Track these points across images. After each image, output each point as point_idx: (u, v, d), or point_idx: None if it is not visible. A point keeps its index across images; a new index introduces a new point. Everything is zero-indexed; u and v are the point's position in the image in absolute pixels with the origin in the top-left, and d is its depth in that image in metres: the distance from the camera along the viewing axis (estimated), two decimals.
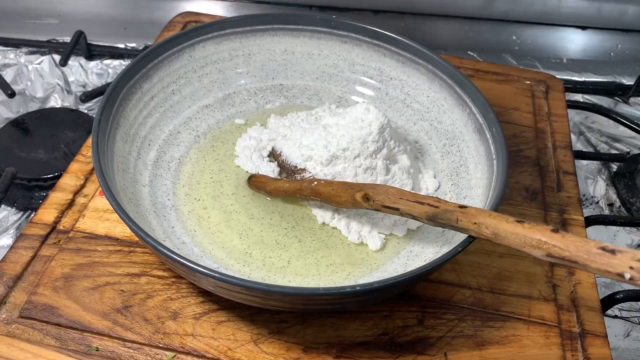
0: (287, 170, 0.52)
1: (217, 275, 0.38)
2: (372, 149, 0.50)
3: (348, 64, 0.60)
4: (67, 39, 0.80)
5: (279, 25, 0.59)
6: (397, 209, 0.43)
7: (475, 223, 0.38)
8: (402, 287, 0.44)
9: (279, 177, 0.53)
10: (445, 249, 0.44)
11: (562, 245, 0.34)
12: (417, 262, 0.47)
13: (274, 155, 0.55)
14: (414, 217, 0.42)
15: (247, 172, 0.54)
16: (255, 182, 0.52)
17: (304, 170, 0.51)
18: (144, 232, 0.40)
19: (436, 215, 0.41)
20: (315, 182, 0.49)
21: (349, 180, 0.49)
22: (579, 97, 0.80)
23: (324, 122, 0.53)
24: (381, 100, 0.59)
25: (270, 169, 0.53)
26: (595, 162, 0.71)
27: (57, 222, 0.51)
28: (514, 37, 0.87)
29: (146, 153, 0.52)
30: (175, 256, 0.38)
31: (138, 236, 0.40)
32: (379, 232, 0.50)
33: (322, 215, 0.50)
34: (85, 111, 0.73)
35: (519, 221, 0.37)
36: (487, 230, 0.38)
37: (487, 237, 0.38)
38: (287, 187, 0.50)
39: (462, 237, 0.41)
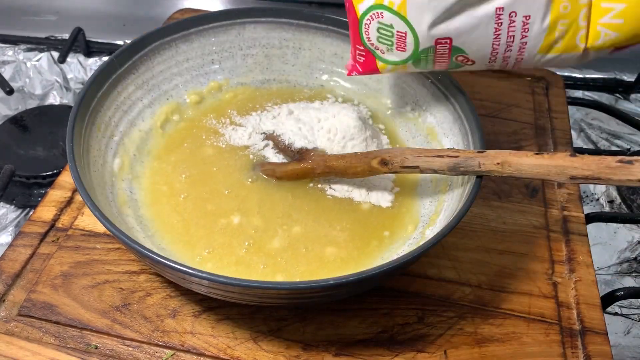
0: (292, 153, 0.52)
1: (207, 275, 0.37)
2: (364, 134, 0.52)
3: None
4: (66, 36, 0.80)
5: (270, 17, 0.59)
6: (417, 167, 0.44)
7: (498, 163, 0.40)
8: (384, 279, 0.44)
9: (285, 162, 0.53)
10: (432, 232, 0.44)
11: (583, 165, 0.37)
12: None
13: (272, 140, 0.54)
14: (435, 171, 0.43)
15: (237, 146, 0.54)
16: (265, 170, 0.52)
17: (311, 150, 0.51)
18: (126, 236, 0.39)
19: (458, 164, 0.42)
20: (327, 158, 0.49)
21: None
22: (579, 94, 0.79)
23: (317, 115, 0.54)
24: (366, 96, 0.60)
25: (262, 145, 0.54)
26: None
27: (56, 219, 0.51)
28: None
29: (124, 149, 0.51)
30: (164, 260, 0.37)
31: (122, 241, 0.40)
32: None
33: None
34: None
35: (537, 153, 0.39)
36: (510, 167, 0.40)
37: (512, 174, 0.40)
38: (298, 169, 0.50)
39: (444, 222, 0.41)
